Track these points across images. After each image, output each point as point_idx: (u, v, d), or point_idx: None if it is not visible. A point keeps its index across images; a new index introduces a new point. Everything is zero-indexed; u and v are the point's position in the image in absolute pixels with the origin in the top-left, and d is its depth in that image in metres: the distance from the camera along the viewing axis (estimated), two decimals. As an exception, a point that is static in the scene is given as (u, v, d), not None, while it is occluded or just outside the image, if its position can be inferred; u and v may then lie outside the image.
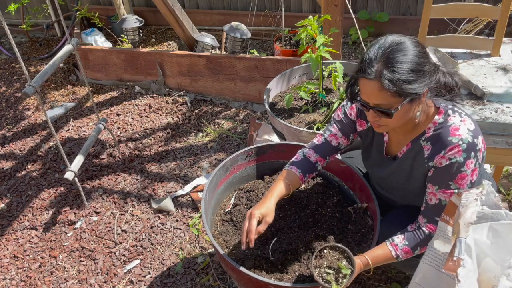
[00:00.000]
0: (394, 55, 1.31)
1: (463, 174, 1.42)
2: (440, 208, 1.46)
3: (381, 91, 1.32)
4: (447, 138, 1.41)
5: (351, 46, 4.08)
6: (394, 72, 1.29)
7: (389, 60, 1.30)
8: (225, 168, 1.97)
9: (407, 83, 1.30)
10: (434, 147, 1.45)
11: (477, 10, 2.50)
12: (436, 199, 1.48)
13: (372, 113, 1.40)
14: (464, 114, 1.46)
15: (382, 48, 1.33)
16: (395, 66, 1.29)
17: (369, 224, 1.79)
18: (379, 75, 1.30)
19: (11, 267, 2.37)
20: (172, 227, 2.51)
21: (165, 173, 2.90)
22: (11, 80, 4.14)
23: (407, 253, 1.52)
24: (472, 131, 1.41)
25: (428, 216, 1.52)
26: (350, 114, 1.71)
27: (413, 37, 1.38)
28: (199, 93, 3.70)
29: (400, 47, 1.32)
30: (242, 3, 4.36)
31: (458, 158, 1.40)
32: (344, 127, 1.73)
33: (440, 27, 3.63)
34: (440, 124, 1.45)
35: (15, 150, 3.22)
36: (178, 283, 2.21)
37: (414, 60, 1.31)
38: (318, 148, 1.77)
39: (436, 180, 1.47)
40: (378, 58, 1.32)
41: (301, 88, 2.52)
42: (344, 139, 1.75)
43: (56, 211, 2.68)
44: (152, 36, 4.43)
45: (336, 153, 1.79)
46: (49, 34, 4.74)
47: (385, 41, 1.35)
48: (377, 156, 1.69)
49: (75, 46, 2.44)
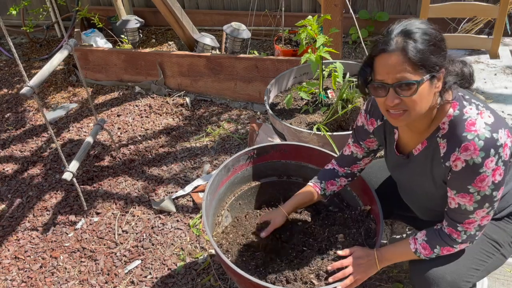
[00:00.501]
0: (412, 29, 1.24)
1: (483, 176, 1.27)
2: (460, 213, 1.37)
3: (403, 64, 1.23)
4: (462, 133, 1.28)
5: (351, 46, 4.08)
6: (417, 41, 1.22)
7: (409, 32, 1.24)
8: (227, 168, 1.97)
9: (430, 53, 1.22)
10: (449, 144, 1.32)
11: (476, 10, 2.51)
12: (456, 203, 1.37)
13: (393, 93, 1.27)
14: (481, 106, 1.32)
15: (398, 25, 1.27)
16: (416, 37, 1.23)
17: (372, 227, 1.78)
18: (401, 46, 1.22)
19: (12, 267, 2.37)
20: (173, 227, 2.52)
21: (165, 173, 2.91)
22: (11, 81, 4.14)
23: (425, 249, 1.46)
24: (491, 125, 1.26)
25: (448, 220, 1.42)
26: (358, 121, 1.67)
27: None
28: (199, 93, 3.70)
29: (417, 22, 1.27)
30: (242, 3, 4.36)
31: (475, 158, 1.25)
32: (356, 135, 1.70)
33: (440, 26, 3.62)
34: (455, 118, 1.32)
35: (16, 152, 3.23)
36: (179, 283, 2.22)
37: (433, 34, 1.25)
38: (337, 159, 1.80)
39: (453, 184, 1.35)
40: (397, 32, 1.25)
41: (301, 88, 2.52)
42: (356, 147, 1.71)
43: (57, 211, 2.69)
44: (152, 37, 4.43)
45: (354, 162, 1.74)
46: (50, 35, 4.75)
47: (400, 21, 1.29)
48: (391, 158, 1.61)
49: (72, 47, 2.44)
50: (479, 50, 2.63)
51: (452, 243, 1.43)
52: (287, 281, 1.63)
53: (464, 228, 1.39)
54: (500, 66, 2.44)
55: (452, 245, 1.43)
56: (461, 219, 1.38)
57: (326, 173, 1.79)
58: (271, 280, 1.65)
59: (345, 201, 2.00)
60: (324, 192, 1.77)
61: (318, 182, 1.78)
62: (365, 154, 1.72)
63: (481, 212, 1.35)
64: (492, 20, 3.16)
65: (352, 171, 1.76)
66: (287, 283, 1.63)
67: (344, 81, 2.39)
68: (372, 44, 1.31)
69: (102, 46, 3.99)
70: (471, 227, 1.38)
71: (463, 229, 1.39)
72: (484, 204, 1.33)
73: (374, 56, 1.29)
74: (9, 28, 4.72)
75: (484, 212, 1.35)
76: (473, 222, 1.37)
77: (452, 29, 3.60)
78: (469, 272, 1.48)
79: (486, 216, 1.37)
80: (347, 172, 1.77)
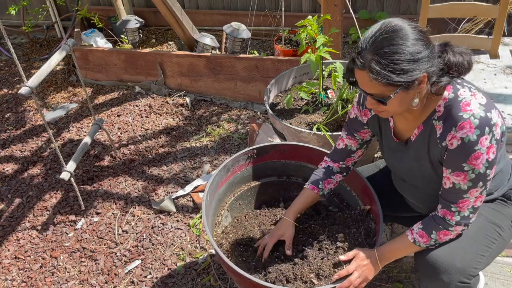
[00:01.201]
0: (383, 44, 1.26)
1: (478, 153, 1.31)
2: (454, 193, 1.40)
3: (371, 81, 1.30)
4: (458, 113, 1.32)
5: (351, 46, 4.08)
6: (381, 64, 1.26)
7: (377, 50, 1.27)
8: (227, 168, 1.97)
9: (396, 74, 1.26)
10: (445, 125, 1.36)
11: (475, 10, 2.51)
12: (450, 183, 1.39)
13: (370, 99, 1.38)
14: (474, 88, 1.38)
15: (373, 37, 1.28)
16: (383, 57, 1.25)
17: (372, 227, 1.78)
18: (368, 66, 1.28)
19: (12, 267, 2.38)
20: (173, 227, 2.52)
21: (165, 173, 2.91)
22: (11, 81, 4.14)
23: (422, 236, 1.48)
24: (484, 105, 1.32)
25: (443, 202, 1.45)
26: (351, 113, 1.70)
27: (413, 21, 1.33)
28: (199, 93, 3.70)
29: (392, 35, 1.26)
30: (242, 3, 4.36)
31: (471, 136, 1.30)
32: (349, 127, 1.72)
33: (440, 26, 3.63)
34: (450, 100, 1.36)
35: (16, 152, 3.23)
36: (179, 283, 2.22)
37: (405, 50, 1.25)
38: (331, 154, 1.81)
39: (449, 163, 1.38)
40: (368, 47, 1.28)
41: (301, 88, 2.52)
42: (350, 140, 1.74)
43: (57, 211, 2.69)
44: (152, 37, 4.43)
45: (348, 155, 1.76)
46: (49, 35, 4.75)
47: (379, 28, 1.29)
48: (389, 146, 1.64)
49: (71, 47, 2.44)
50: (479, 50, 2.63)
51: (447, 226, 1.44)
52: (287, 280, 1.63)
53: (457, 209, 1.41)
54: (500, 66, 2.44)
55: (447, 227, 1.44)
56: (455, 199, 1.41)
57: (321, 173, 1.80)
58: (271, 279, 1.65)
59: (345, 201, 2.00)
60: (323, 192, 1.78)
61: (316, 184, 1.78)
62: (359, 146, 1.75)
63: (474, 191, 1.38)
64: (492, 20, 3.17)
65: (346, 165, 1.79)
66: (287, 283, 1.63)
67: (344, 81, 2.39)
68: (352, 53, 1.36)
69: (102, 46, 3.99)
70: (465, 207, 1.41)
71: (456, 210, 1.41)
72: (478, 183, 1.36)
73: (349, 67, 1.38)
74: (9, 28, 4.73)
75: (478, 192, 1.38)
76: (467, 202, 1.40)
77: (452, 29, 3.60)
78: (476, 258, 1.50)
79: (479, 197, 1.40)
80: (342, 167, 1.79)
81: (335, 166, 1.79)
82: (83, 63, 3.86)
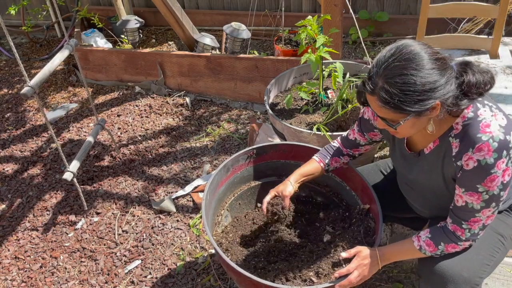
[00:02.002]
0: (395, 73, 1.23)
1: (493, 176, 1.29)
2: (466, 211, 1.38)
3: (381, 107, 1.29)
4: (476, 135, 1.28)
5: (351, 46, 4.08)
6: (390, 93, 1.24)
7: (388, 79, 1.24)
8: (226, 168, 1.97)
9: (406, 104, 1.23)
10: (462, 144, 1.32)
11: (475, 10, 2.51)
12: (463, 201, 1.37)
13: (380, 121, 1.38)
14: (495, 108, 1.34)
15: (386, 62, 1.26)
16: (394, 86, 1.23)
17: (372, 226, 1.78)
18: (377, 93, 1.26)
19: (12, 267, 2.38)
20: (173, 227, 2.52)
21: (165, 173, 2.91)
22: (11, 81, 4.14)
23: (429, 246, 1.46)
24: (504, 127, 1.28)
25: (454, 217, 1.43)
26: (364, 114, 1.70)
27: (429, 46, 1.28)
28: (199, 94, 3.70)
29: (405, 64, 1.23)
30: (242, 3, 4.36)
31: (488, 159, 1.27)
32: (361, 125, 1.74)
33: (440, 26, 3.63)
34: (469, 119, 1.32)
35: (16, 152, 3.23)
36: (179, 283, 2.22)
37: (418, 81, 1.21)
38: (342, 139, 1.85)
39: (463, 182, 1.35)
40: (379, 73, 1.26)
41: (301, 88, 2.52)
42: (360, 136, 1.76)
43: (57, 211, 2.69)
44: (152, 37, 4.43)
45: (356, 147, 1.80)
46: (49, 35, 4.75)
47: (393, 53, 1.26)
48: (400, 154, 1.61)
49: (73, 47, 2.45)
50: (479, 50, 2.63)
51: (456, 240, 1.43)
52: (286, 279, 1.64)
53: (468, 226, 1.40)
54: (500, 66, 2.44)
55: (456, 242, 1.44)
56: (467, 217, 1.39)
57: (332, 150, 1.84)
58: (270, 278, 1.65)
59: (345, 200, 2.00)
60: (328, 168, 1.82)
61: (324, 158, 1.82)
62: (367, 143, 1.78)
63: (487, 211, 1.36)
64: (492, 20, 3.17)
65: (353, 153, 1.83)
66: (286, 281, 1.63)
67: (344, 81, 2.39)
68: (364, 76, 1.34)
69: (102, 46, 3.99)
70: (476, 226, 1.39)
71: (467, 227, 1.40)
72: (491, 204, 1.34)
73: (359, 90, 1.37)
74: (9, 28, 4.73)
75: (490, 211, 1.36)
76: (478, 221, 1.38)
77: (452, 29, 3.60)
78: (482, 267, 1.49)
79: (491, 216, 1.38)
80: (349, 154, 1.83)
81: (344, 150, 1.83)
82: (83, 63, 3.86)
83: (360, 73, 2.70)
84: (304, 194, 2.14)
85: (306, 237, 1.85)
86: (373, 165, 1.99)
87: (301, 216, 2.01)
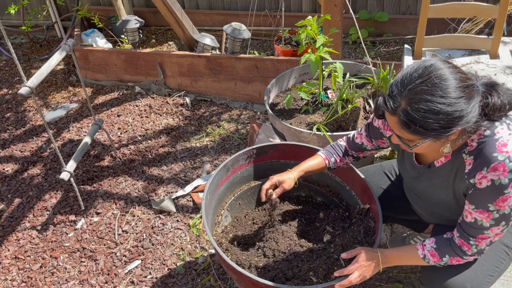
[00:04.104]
0: (420, 98, 1.18)
1: (506, 196, 1.26)
2: (475, 227, 1.35)
3: (400, 128, 1.25)
4: (492, 154, 1.25)
5: (351, 46, 4.08)
6: (412, 117, 1.19)
7: (412, 103, 1.19)
8: (226, 168, 1.98)
9: (426, 130, 1.20)
10: (477, 162, 1.29)
11: (475, 10, 2.51)
12: (472, 217, 1.35)
13: (395, 137, 1.35)
14: None
15: (412, 83, 1.20)
16: (417, 111, 1.18)
17: (371, 226, 1.78)
18: (398, 114, 1.22)
19: (12, 268, 2.38)
20: (173, 227, 2.52)
21: (165, 173, 2.91)
22: (11, 81, 4.14)
23: (433, 256, 1.45)
24: None
25: (461, 232, 1.40)
26: (374, 121, 1.68)
27: (458, 68, 1.23)
28: (199, 94, 3.70)
29: (432, 89, 1.17)
30: (242, 3, 4.36)
31: (503, 179, 1.23)
32: (370, 131, 1.72)
33: (440, 26, 3.63)
34: (485, 137, 1.28)
35: (16, 152, 3.23)
36: (179, 283, 2.22)
37: (442, 110, 1.16)
38: (348, 140, 1.83)
39: (474, 200, 1.32)
40: (403, 93, 1.21)
41: (301, 88, 2.52)
42: (367, 141, 1.74)
43: (57, 211, 2.69)
44: (152, 37, 4.43)
45: (362, 150, 1.78)
46: (49, 35, 4.75)
47: (421, 73, 1.20)
48: (410, 165, 1.58)
49: (71, 47, 2.44)
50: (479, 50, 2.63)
51: (462, 255, 1.42)
52: (286, 278, 1.64)
53: (476, 243, 1.38)
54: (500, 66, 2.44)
55: (462, 256, 1.42)
56: (475, 234, 1.37)
57: (338, 148, 1.82)
58: (270, 277, 1.65)
59: (345, 200, 2.00)
60: (331, 166, 1.81)
61: (330, 155, 1.80)
62: (374, 148, 1.77)
63: (496, 229, 1.34)
64: (492, 20, 3.17)
65: (358, 155, 1.82)
66: (286, 281, 1.63)
67: (344, 81, 2.39)
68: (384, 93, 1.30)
69: (102, 46, 3.99)
70: (483, 242, 1.38)
71: (475, 243, 1.38)
72: (501, 222, 1.33)
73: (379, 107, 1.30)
74: (9, 28, 4.73)
75: (499, 229, 1.35)
76: (486, 238, 1.37)
77: (452, 29, 3.60)
78: (486, 279, 1.48)
79: (499, 234, 1.36)
80: (354, 155, 1.82)
81: (350, 151, 1.82)
82: (83, 63, 3.86)
83: (360, 73, 2.70)
84: (304, 194, 2.14)
85: (306, 237, 1.85)
86: (377, 166, 1.97)
87: (301, 216, 2.01)
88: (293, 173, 1.75)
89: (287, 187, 1.72)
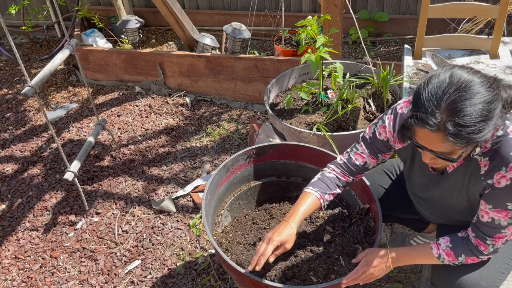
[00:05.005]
0: (461, 105, 1.15)
1: None
2: (492, 227, 1.35)
3: (444, 142, 1.20)
4: (510, 153, 1.25)
5: (351, 46, 4.08)
6: (462, 126, 1.15)
7: (455, 112, 1.15)
8: (226, 168, 1.98)
9: (476, 133, 1.16)
10: (493, 163, 1.29)
11: (475, 10, 2.51)
12: (489, 217, 1.34)
13: (430, 155, 1.29)
14: None
15: (446, 94, 1.17)
16: (463, 119, 1.15)
17: (371, 225, 1.78)
18: (443, 128, 1.17)
19: (12, 268, 2.38)
20: (173, 227, 2.52)
21: (165, 173, 2.91)
22: (12, 81, 4.14)
23: (449, 255, 1.44)
24: None
25: (477, 232, 1.40)
26: (379, 134, 1.57)
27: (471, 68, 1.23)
28: (199, 94, 3.70)
29: (468, 93, 1.16)
30: (242, 3, 4.36)
31: None
32: (372, 147, 1.61)
33: (440, 26, 3.63)
34: (499, 137, 1.28)
35: (16, 152, 3.23)
36: (179, 283, 2.22)
37: (484, 108, 1.16)
38: (341, 166, 1.68)
39: (491, 199, 1.32)
40: (442, 107, 1.16)
41: (301, 88, 2.52)
42: (371, 159, 1.63)
43: (57, 211, 2.69)
44: (152, 37, 4.43)
45: (362, 172, 1.67)
46: (50, 35, 4.75)
47: (450, 83, 1.18)
48: (421, 174, 1.55)
49: (74, 47, 2.45)
50: (479, 50, 2.63)
51: (478, 254, 1.42)
52: (286, 278, 1.64)
53: (493, 242, 1.38)
54: (500, 66, 2.44)
55: (478, 255, 1.42)
56: (492, 233, 1.37)
57: (329, 183, 1.66)
58: (270, 277, 1.65)
59: (344, 200, 2.00)
60: (324, 204, 1.66)
61: (324, 194, 1.64)
62: (376, 165, 1.68)
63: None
64: (492, 20, 3.17)
65: (354, 179, 1.69)
66: (286, 281, 1.63)
67: (344, 81, 2.39)
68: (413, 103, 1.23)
69: (102, 46, 3.99)
70: (500, 241, 1.38)
71: (492, 243, 1.38)
72: None
73: (415, 126, 1.23)
74: (9, 28, 4.73)
75: None
76: (503, 237, 1.37)
77: (452, 29, 3.60)
78: (498, 276, 1.48)
79: None
80: (348, 182, 1.69)
81: (343, 179, 1.68)
82: (83, 63, 3.86)
83: (360, 73, 2.70)
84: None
85: (306, 237, 1.85)
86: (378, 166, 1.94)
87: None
88: (292, 226, 1.55)
89: (289, 247, 1.55)
